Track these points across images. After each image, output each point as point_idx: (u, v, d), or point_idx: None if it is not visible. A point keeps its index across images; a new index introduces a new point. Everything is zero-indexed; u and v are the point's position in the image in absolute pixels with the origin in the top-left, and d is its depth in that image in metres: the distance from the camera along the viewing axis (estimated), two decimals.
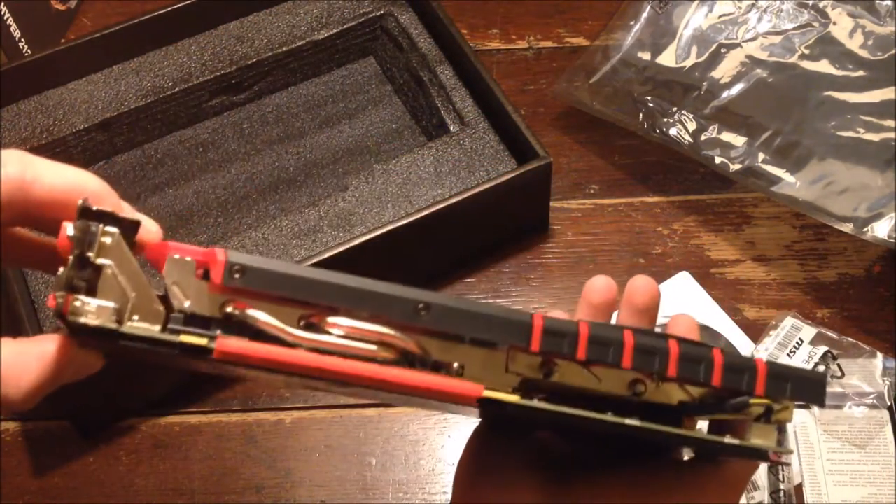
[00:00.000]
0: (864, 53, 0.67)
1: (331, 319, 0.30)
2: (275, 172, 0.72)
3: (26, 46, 0.78)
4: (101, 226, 0.29)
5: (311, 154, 0.72)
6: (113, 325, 0.28)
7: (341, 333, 0.30)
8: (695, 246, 0.69)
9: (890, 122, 0.64)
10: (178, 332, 0.29)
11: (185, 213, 0.70)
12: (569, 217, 0.71)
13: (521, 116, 0.66)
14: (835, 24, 0.69)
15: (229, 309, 0.30)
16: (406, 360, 0.30)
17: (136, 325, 0.29)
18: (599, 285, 0.41)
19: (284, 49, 0.73)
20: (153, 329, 0.29)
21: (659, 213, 0.71)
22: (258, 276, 0.29)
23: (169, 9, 0.73)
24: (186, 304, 0.30)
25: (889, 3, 0.68)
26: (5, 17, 0.76)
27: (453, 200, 0.62)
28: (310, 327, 0.30)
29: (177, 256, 0.30)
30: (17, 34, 0.77)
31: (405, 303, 0.30)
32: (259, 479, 0.61)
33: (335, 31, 0.74)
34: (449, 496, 0.61)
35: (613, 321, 0.42)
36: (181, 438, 0.63)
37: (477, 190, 0.63)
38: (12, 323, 0.60)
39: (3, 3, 0.75)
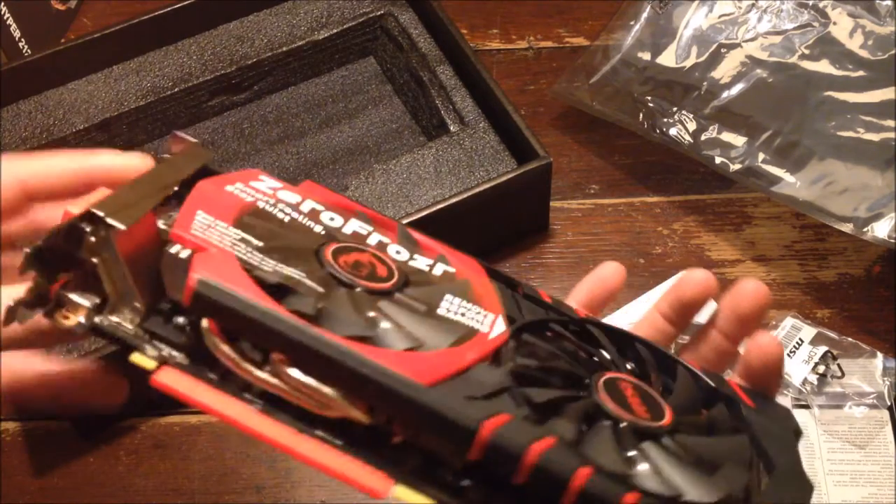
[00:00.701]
0: (864, 53, 0.67)
1: (287, 370, 0.28)
2: (275, 172, 0.72)
3: (26, 46, 0.78)
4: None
5: (311, 154, 0.72)
6: (80, 321, 0.29)
7: (293, 384, 0.28)
8: (695, 246, 0.69)
9: (890, 122, 0.64)
10: (140, 342, 0.29)
11: None
12: (569, 217, 0.71)
13: (521, 116, 0.66)
14: (835, 24, 0.69)
15: (204, 323, 0.29)
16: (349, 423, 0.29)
17: (109, 320, 0.29)
18: (698, 278, 0.37)
19: (284, 49, 0.74)
20: (126, 327, 0.29)
21: (659, 213, 0.71)
22: (222, 313, 0.28)
23: (169, 9, 0.73)
24: (166, 306, 0.29)
25: (889, 3, 0.68)
26: (5, 17, 0.76)
27: (453, 200, 0.62)
28: (265, 361, 0.29)
29: (173, 251, 0.29)
30: (17, 34, 0.77)
31: (352, 373, 0.28)
32: (259, 479, 0.61)
33: (335, 31, 0.74)
34: None
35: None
36: (181, 438, 0.63)
37: (477, 190, 0.63)
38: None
39: (3, 3, 0.75)
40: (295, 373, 0.28)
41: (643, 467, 0.29)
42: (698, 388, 0.34)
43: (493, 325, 0.32)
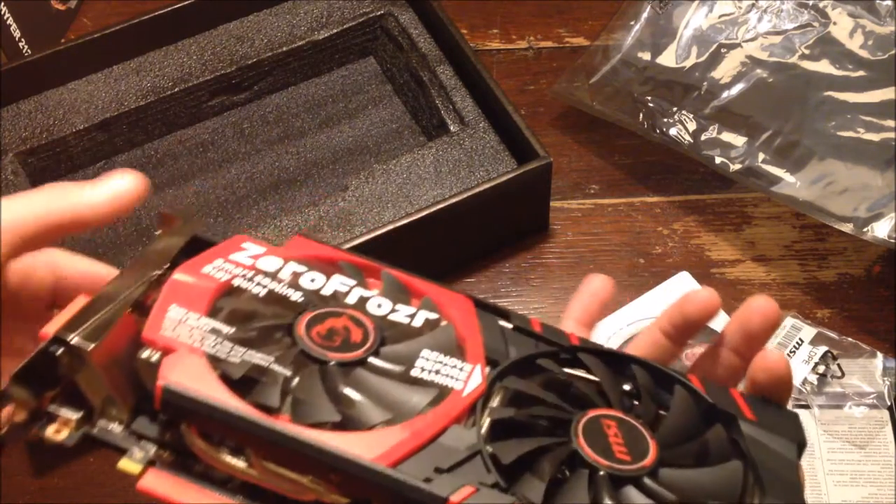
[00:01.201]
0: (864, 53, 0.67)
1: (262, 462, 0.30)
2: (275, 172, 0.72)
3: (26, 46, 0.78)
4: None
5: (311, 154, 0.72)
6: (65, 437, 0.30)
7: (269, 474, 0.29)
8: (695, 246, 0.69)
9: (890, 122, 0.64)
10: (128, 444, 0.30)
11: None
12: (569, 217, 0.71)
13: (521, 116, 0.66)
14: (835, 24, 0.69)
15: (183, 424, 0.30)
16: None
17: (98, 428, 0.30)
18: (701, 297, 0.37)
19: (284, 49, 0.74)
20: (114, 432, 0.30)
21: (659, 213, 0.71)
22: (190, 416, 0.29)
23: (169, 9, 0.73)
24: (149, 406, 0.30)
25: (889, 3, 0.68)
26: (5, 17, 0.76)
27: (453, 200, 0.62)
28: (238, 451, 0.30)
29: (144, 356, 0.30)
30: (17, 34, 0.77)
31: (318, 462, 0.29)
32: None
33: (335, 31, 0.74)
34: None
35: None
36: None
37: (477, 190, 0.63)
38: None
39: (3, 3, 0.75)
40: (269, 465, 0.29)
41: None
42: (696, 408, 0.34)
43: (468, 380, 0.32)
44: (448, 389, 0.31)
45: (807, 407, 0.61)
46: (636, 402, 0.34)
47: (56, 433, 0.30)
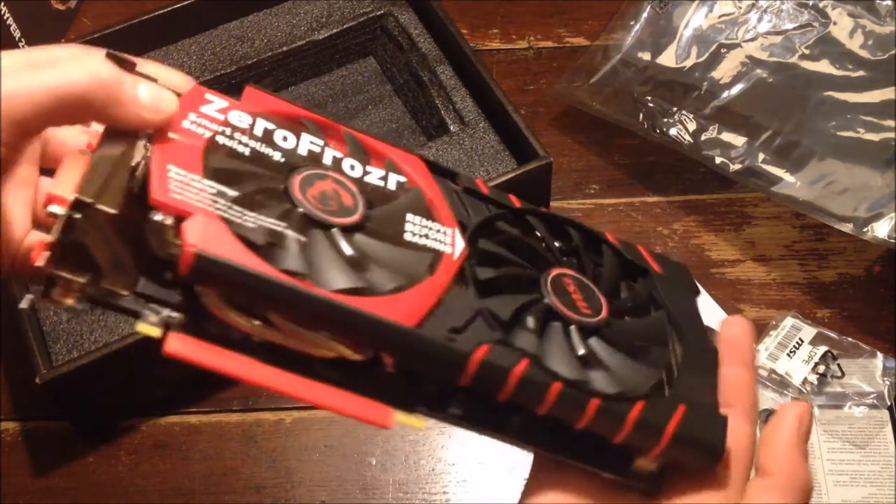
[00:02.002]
0: (864, 53, 0.67)
1: (288, 323, 0.30)
2: None
3: (26, 46, 0.78)
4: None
5: None
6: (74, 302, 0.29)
7: (291, 334, 0.30)
8: (695, 246, 0.69)
9: (890, 122, 0.64)
10: (138, 307, 0.29)
11: None
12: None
13: (521, 116, 0.66)
14: (835, 24, 0.69)
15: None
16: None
17: (104, 290, 0.29)
18: (738, 329, 0.38)
19: (284, 49, 0.74)
20: (122, 294, 0.29)
21: (659, 213, 0.71)
22: (221, 283, 0.29)
23: (169, 9, 0.73)
24: (154, 266, 0.29)
25: (889, 3, 0.68)
26: (5, 17, 0.75)
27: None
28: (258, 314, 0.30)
29: (157, 218, 0.29)
30: (17, 34, 0.77)
31: (349, 327, 0.30)
32: (259, 479, 0.61)
33: (335, 31, 0.74)
34: (449, 496, 0.61)
35: None
36: (181, 438, 0.63)
37: None
38: (12, 323, 0.60)
39: (3, 3, 0.75)
40: (295, 327, 0.30)
41: (595, 372, 0.33)
42: (620, 264, 0.38)
43: (453, 243, 0.34)
44: (440, 253, 0.33)
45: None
46: (572, 259, 0.37)
47: (63, 297, 0.29)
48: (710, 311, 0.66)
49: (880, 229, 0.61)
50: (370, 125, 0.74)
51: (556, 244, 0.38)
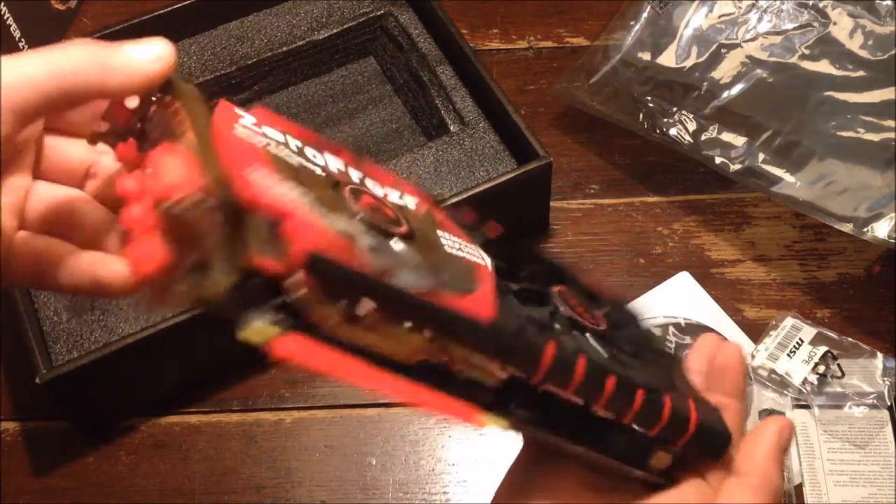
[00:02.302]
0: (864, 53, 0.67)
1: (385, 324, 0.30)
2: None
3: (26, 46, 0.78)
4: None
5: None
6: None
7: (386, 335, 0.30)
8: (695, 246, 0.69)
9: (890, 122, 0.64)
10: (248, 309, 0.28)
11: None
12: (569, 217, 0.71)
13: (521, 116, 0.66)
14: (835, 24, 0.69)
15: (303, 289, 0.28)
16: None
17: (213, 281, 0.28)
18: (731, 353, 0.41)
19: (284, 49, 0.74)
20: (224, 283, 0.28)
21: (659, 213, 0.71)
22: (331, 283, 0.28)
23: (169, 9, 0.73)
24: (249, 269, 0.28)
25: (889, 3, 0.68)
26: (5, 17, 0.75)
27: (453, 200, 0.62)
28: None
29: (260, 216, 0.28)
30: (17, 34, 0.77)
31: (444, 325, 0.31)
32: (259, 479, 0.61)
33: (335, 31, 0.74)
34: (449, 496, 0.61)
35: None
36: (181, 438, 0.63)
37: (477, 190, 0.63)
38: (12, 323, 0.60)
39: (3, 3, 0.75)
40: (388, 328, 0.30)
41: (628, 369, 0.35)
42: (592, 291, 0.40)
43: (483, 256, 0.35)
44: (478, 265, 0.34)
45: (807, 407, 0.61)
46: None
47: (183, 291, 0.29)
48: (710, 311, 0.66)
49: (880, 229, 0.61)
50: (370, 125, 0.74)
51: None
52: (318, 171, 0.33)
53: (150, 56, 0.31)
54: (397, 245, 0.32)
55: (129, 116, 0.32)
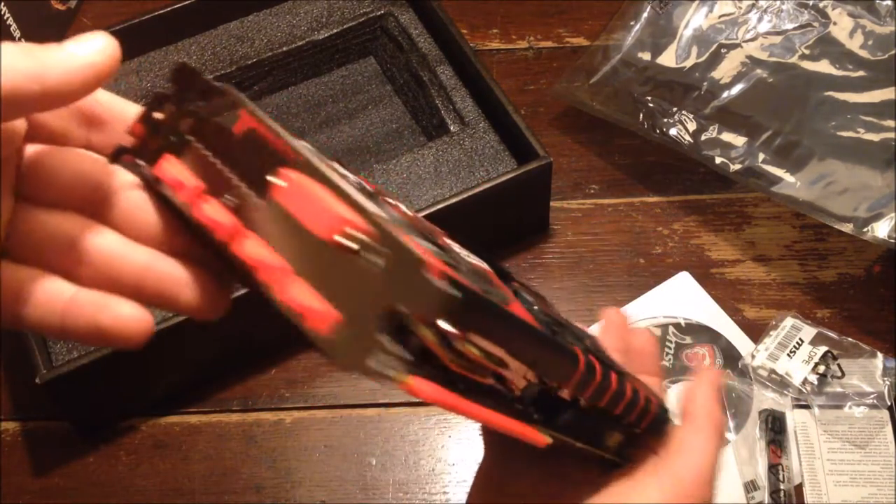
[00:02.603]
0: (864, 53, 0.67)
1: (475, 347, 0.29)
2: None
3: None
4: None
5: None
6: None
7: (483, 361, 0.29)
8: (695, 246, 0.69)
9: (890, 122, 0.64)
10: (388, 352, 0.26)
11: None
12: (569, 217, 0.71)
13: (521, 116, 0.66)
14: (835, 24, 0.69)
15: (450, 330, 0.27)
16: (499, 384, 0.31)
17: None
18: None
19: (284, 49, 0.74)
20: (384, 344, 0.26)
21: (659, 213, 0.71)
22: (478, 321, 0.27)
23: (169, 9, 0.73)
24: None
25: (889, 3, 0.68)
26: (5, 17, 0.75)
27: (453, 200, 0.62)
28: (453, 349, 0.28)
29: (419, 253, 0.26)
30: (17, 34, 0.77)
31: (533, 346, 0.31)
32: (259, 479, 0.61)
33: (335, 31, 0.74)
34: (449, 496, 0.61)
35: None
36: (181, 438, 0.63)
37: (477, 190, 0.63)
38: None
39: (3, 3, 0.75)
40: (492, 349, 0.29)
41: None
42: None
43: (481, 262, 0.35)
44: (489, 271, 0.35)
45: (807, 407, 0.61)
46: None
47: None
48: (710, 311, 0.66)
49: (880, 229, 0.61)
50: (370, 125, 0.74)
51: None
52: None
53: (91, 49, 0.27)
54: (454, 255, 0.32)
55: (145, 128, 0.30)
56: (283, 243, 0.28)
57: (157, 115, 0.30)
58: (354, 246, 0.26)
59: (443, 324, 0.26)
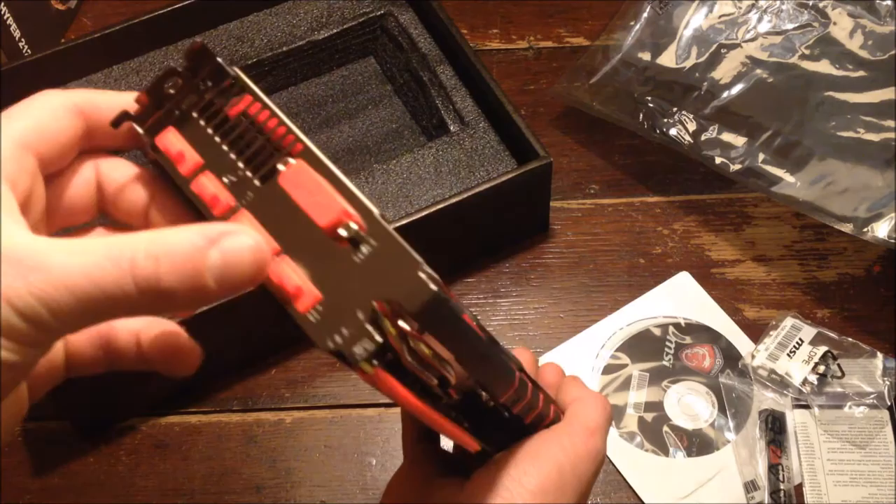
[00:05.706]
0: (864, 53, 0.67)
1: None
2: None
3: (26, 46, 0.78)
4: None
5: None
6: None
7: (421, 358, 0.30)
8: (695, 246, 0.69)
9: (890, 122, 0.64)
10: (359, 347, 0.27)
11: None
12: (569, 217, 0.71)
13: (521, 116, 0.66)
14: (835, 24, 0.69)
15: (405, 327, 0.28)
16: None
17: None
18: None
19: (284, 49, 0.74)
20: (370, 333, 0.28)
21: (659, 213, 0.71)
22: (436, 324, 0.29)
23: (169, 9, 0.73)
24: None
25: (889, 3, 0.68)
26: (5, 17, 0.76)
27: (453, 200, 0.62)
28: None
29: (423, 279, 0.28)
30: (17, 34, 0.77)
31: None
32: (259, 479, 0.61)
33: (335, 31, 0.74)
34: None
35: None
36: (181, 438, 0.63)
37: (477, 190, 0.63)
38: None
39: (3, 3, 0.75)
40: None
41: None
42: None
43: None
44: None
45: (807, 407, 0.61)
46: None
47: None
48: (710, 311, 0.66)
49: (880, 229, 0.61)
50: (370, 125, 0.74)
51: None
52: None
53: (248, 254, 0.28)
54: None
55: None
56: (277, 225, 0.29)
57: (166, 88, 0.31)
58: (345, 234, 0.28)
59: (408, 320, 0.28)
